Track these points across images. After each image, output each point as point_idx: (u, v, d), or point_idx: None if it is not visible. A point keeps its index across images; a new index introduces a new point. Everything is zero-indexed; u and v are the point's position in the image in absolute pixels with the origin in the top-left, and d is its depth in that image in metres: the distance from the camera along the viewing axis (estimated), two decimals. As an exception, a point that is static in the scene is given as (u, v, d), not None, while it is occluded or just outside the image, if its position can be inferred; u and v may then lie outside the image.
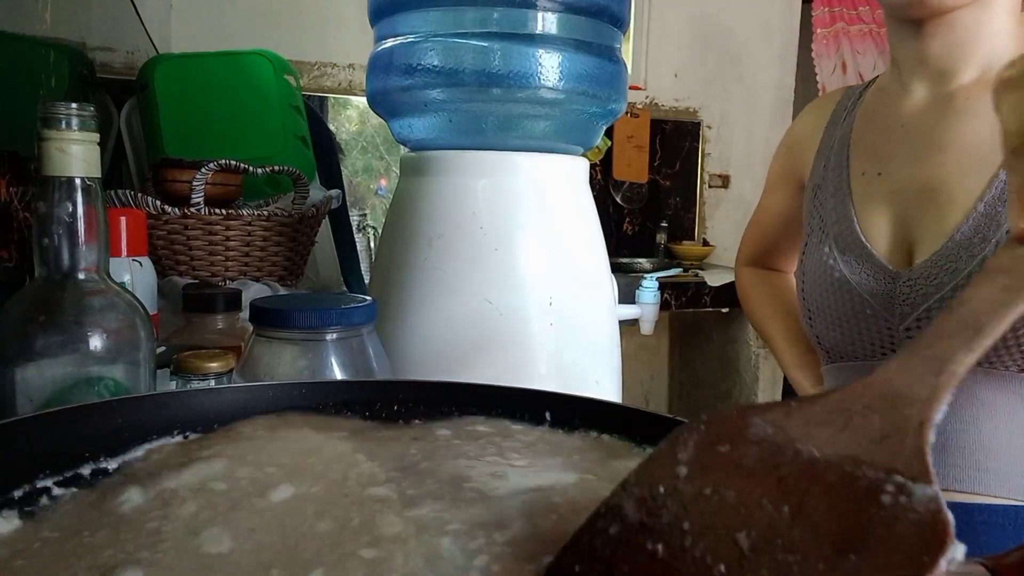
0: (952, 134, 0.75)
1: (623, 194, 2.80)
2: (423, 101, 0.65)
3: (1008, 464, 0.69)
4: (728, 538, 0.23)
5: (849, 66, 2.78)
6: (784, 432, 0.24)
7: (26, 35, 0.79)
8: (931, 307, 0.71)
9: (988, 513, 0.70)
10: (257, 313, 0.48)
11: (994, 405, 0.69)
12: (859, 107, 0.87)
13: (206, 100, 1.15)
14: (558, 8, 0.62)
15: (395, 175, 2.45)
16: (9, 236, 0.67)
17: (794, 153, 0.94)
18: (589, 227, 0.68)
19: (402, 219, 0.67)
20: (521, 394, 0.40)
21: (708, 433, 0.25)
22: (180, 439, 0.36)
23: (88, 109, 0.46)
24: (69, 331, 0.46)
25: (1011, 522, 0.69)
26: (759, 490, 0.24)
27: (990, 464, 0.70)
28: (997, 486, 0.70)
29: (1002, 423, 0.69)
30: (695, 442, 0.25)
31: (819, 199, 0.85)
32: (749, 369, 2.39)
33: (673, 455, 0.25)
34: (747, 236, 1.06)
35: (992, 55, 0.73)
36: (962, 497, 0.71)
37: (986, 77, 0.73)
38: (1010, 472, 0.69)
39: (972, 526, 0.70)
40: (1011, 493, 0.69)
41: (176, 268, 0.95)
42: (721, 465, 0.24)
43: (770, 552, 0.23)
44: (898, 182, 0.78)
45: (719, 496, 0.24)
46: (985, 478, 0.70)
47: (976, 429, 0.70)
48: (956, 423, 0.71)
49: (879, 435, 0.24)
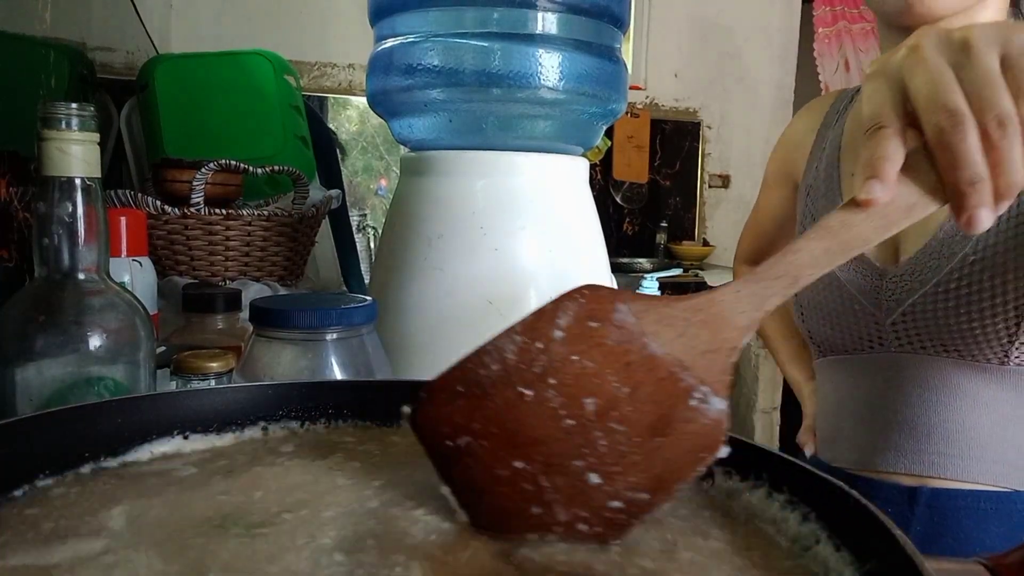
0: None
1: (623, 194, 2.80)
2: (423, 101, 0.65)
3: (990, 452, 0.72)
4: (579, 399, 0.28)
5: (852, 65, 2.77)
6: (640, 324, 0.29)
7: (26, 35, 0.79)
8: (915, 302, 0.73)
9: (971, 499, 0.73)
10: (257, 313, 0.48)
11: (977, 396, 0.72)
12: (851, 110, 0.88)
13: (206, 100, 1.15)
14: (558, 8, 0.62)
15: (395, 175, 2.45)
16: (9, 236, 0.67)
17: (789, 154, 0.96)
18: (589, 227, 0.68)
19: (402, 219, 0.67)
20: (521, 394, 0.40)
21: (585, 307, 0.29)
22: (180, 439, 0.36)
23: (88, 109, 0.46)
24: (69, 331, 0.46)
25: (993, 507, 0.72)
26: (611, 368, 0.29)
27: (973, 452, 0.72)
28: (979, 473, 0.72)
29: (984, 413, 0.72)
30: (574, 312, 0.29)
31: (811, 199, 0.87)
32: (749, 369, 2.39)
33: (555, 318, 0.29)
34: (744, 235, 1.07)
35: None
36: (947, 483, 0.74)
37: None
38: (992, 459, 0.72)
39: (956, 511, 0.73)
40: (993, 480, 0.72)
41: (176, 268, 0.95)
42: (588, 338, 0.29)
43: (605, 419, 0.28)
44: None
45: (581, 364, 0.29)
46: (969, 465, 0.73)
47: (960, 419, 0.73)
48: (942, 413, 0.73)
49: (704, 349, 0.29)
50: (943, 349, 0.72)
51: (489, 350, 0.29)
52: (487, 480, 0.29)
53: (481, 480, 0.29)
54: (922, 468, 0.74)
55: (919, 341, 0.73)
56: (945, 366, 0.73)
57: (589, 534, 0.28)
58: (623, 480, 0.28)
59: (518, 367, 0.29)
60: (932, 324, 0.72)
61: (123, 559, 0.25)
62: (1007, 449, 0.72)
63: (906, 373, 0.75)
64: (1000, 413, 0.72)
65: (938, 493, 0.74)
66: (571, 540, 0.28)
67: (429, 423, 0.30)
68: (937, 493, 0.74)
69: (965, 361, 0.72)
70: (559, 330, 0.29)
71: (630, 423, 0.28)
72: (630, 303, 0.30)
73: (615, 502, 0.28)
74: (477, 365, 0.29)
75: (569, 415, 0.28)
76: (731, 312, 0.30)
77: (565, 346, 0.29)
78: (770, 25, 2.91)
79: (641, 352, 0.29)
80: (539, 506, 0.28)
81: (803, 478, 0.29)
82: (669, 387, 0.29)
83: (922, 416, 0.74)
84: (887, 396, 0.77)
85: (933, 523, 0.73)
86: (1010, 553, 0.30)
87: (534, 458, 0.28)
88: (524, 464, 0.28)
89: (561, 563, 0.26)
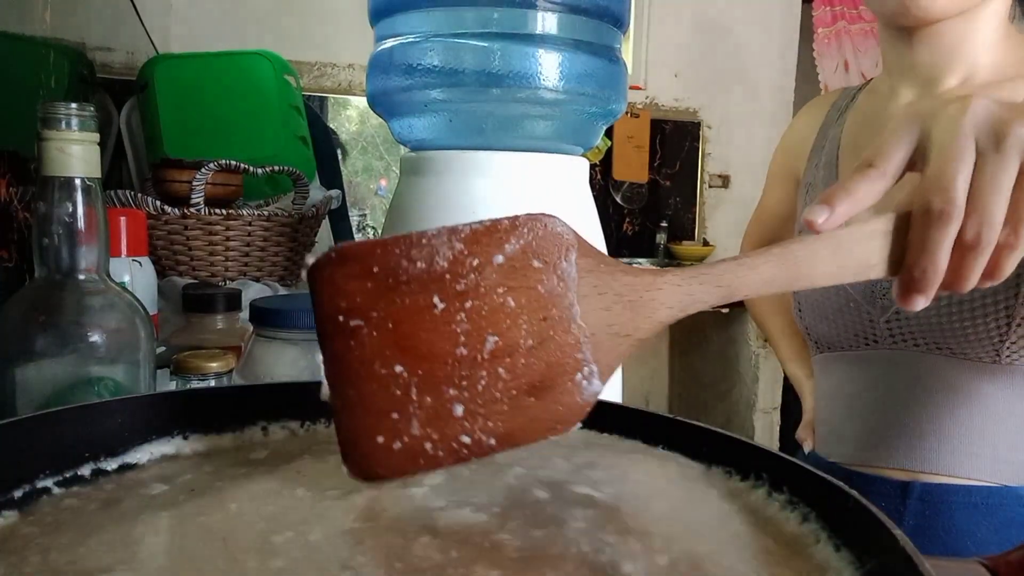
0: None
1: (623, 194, 2.80)
2: (423, 101, 0.65)
3: (982, 447, 0.73)
4: (483, 334, 0.28)
5: (851, 65, 2.77)
6: (579, 282, 0.29)
7: (26, 35, 0.79)
8: None
9: (963, 493, 0.74)
10: (257, 313, 0.48)
11: (969, 392, 0.73)
12: (851, 109, 0.89)
13: (206, 100, 1.15)
14: (558, 8, 0.62)
15: (395, 175, 2.45)
16: (9, 236, 0.67)
17: (791, 152, 0.96)
18: (589, 227, 0.68)
19: (402, 219, 0.67)
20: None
21: (539, 242, 0.28)
22: (180, 439, 0.36)
23: (88, 109, 0.46)
24: (69, 331, 0.46)
25: (983, 501, 0.73)
26: (528, 315, 0.28)
27: (965, 448, 0.73)
28: (971, 468, 0.73)
29: (977, 410, 0.73)
30: (524, 243, 0.28)
31: (810, 198, 0.88)
32: (749, 369, 2.39)
33: (504, 241, 0.28)
34: (748, 233, 1.08)
35: (975, 65, 0.75)
36: (940, 478, 0.74)
37: (968, 85, 0.76)
38: (984, 455, 0.73)
39: (949, 506, 0.74)
40: (985, 475, 0.73)
41: (176, 268, 0.95)
42: (525, 276, 0.28)
43: (497, 362, 0.28)
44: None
45: (503, 300, 0.28)
46: (961, 461, 0.74)
47: (952, 415, 0.73)
48: (934, 409, 0.74)
49: (617, 330, 0.29)
50: (936, 347, 0.73)
51: (423, 244, 0.27)
52: (361, 369, 0.28)
53: (355, 366, 0.28)
54: (915, 463, 0.75)
55: (912, 339, 0.74)
56: (938, 363, 0.73)
57: (430, 454, 0.28)
58: (482, 422, 0.28)
59: (443, 276, 0.27)
60: (925, 323, 0.72)
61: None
62: (998, 444, 0.73)
63: (900, 370, 0.76)
64: (992, 409, 0.73)
65: (930, 488, 0.74)
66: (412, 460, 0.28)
67: (327, 289, 0.28)
68: (929, 488, 0.74)
69: (958, 358, 0.72)
70: (502, 255, 0.28)
71: (516, 374, 0.28)
72: (581, 257, 0.29)
73: (465, 436, 0.28)
74: (403, 254, 0.27)
75: (466, 344, 0.28)
76: (660, 304, 0.30)
77: (498, 275, 0.28)
78: (770, 25, 2.91)
79: (563, 312, 0.28)
80: (399, 414, 0.28)
81: (803, 478, 0.29)
82: (568, 355, 0.28)
83: (915, 412, 0.75)
84: (881, 392, 0.78)
85: (925, 517, 0.74)
86: (1010, 553, 0.30)
87: (415, 370, 0.28)
88: (403, 371, 0.28)
89: (555, 556, 0.26)
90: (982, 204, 0.36)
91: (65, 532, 0.27)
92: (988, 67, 0.75)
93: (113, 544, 0.26)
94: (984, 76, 0.75)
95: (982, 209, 0.36)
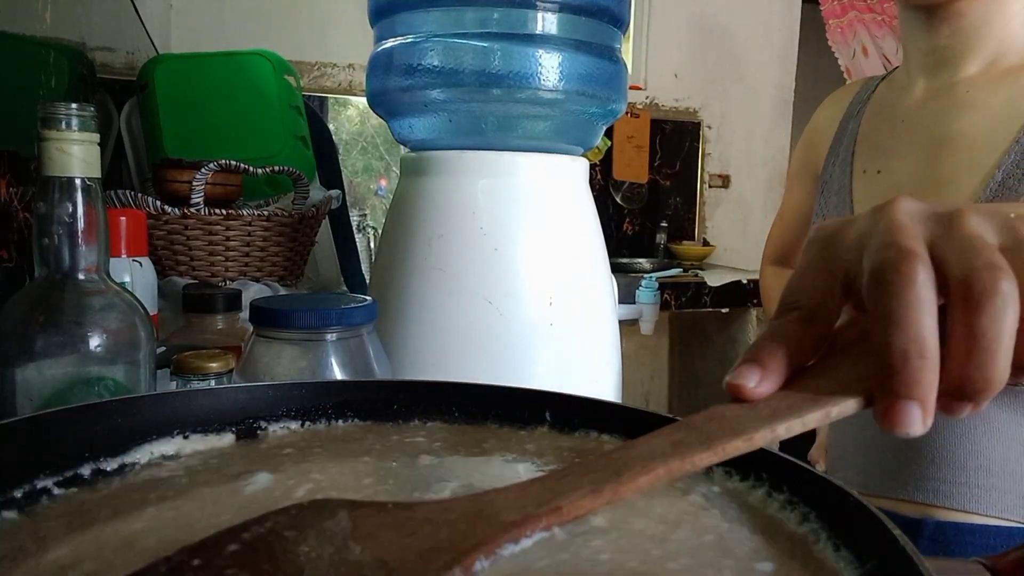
0: (950, 129, 0.74)
1: (623, 194, 2.80)
2: (423, 101, 0.65)
3: (1003, 481, 0.67)
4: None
5: (870, 49, 2.69)
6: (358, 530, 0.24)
7: (26, 35, 0.79)
8: None
9: (980, 534, 0.67)
10: (257, 313, 0.48)
11: (987, 419, 0.67)
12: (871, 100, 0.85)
13: (206, 100, 1.15)
14: (558, 8, 0.62)
15: (395, 175, 2.45)
16: (9, 236, 0.67)
17: (811, 146, 0.93)
18: (589, 227, 0.68)
19: (402, 219, 0.67)
20: (521, 394, 0.40)
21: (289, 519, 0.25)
22: (180, 439, 0.36)
23: (88, 109, 0.46)
24: (69, 331, 0.46)
25: (1003, 544, 0.66)
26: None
27: (984, 481, 0.67)
28: (990, 504, 0.67)
29: (996, 438, 0.67)
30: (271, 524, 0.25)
31: (824, 196, 0.85)
32: (749, 369, 2.39)
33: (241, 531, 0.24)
34: (771, 235, 1.04)
35: (1002, 45, 0.71)
36: (954, 515, 0.68)
37: (993, 69, 0.72)
38: (1003, 489, 0.67)
39: (963, 547, 0.68)
40: (1005, 512, 0.67)
41: (176, 268, 0.95)
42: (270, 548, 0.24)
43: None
44: (895, 180, 0.77)
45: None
46: (979, 495, 0.67)
47: (970, 443, 0.67)
48: (949, 436, 0.68)
49: (431, 547, 0.24)
50: None
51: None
52: None
53: None
54: (928, 495, 0.69)
55: None
56: None
57: None
58: None
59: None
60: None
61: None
62: (1020, 479, 0.66)
63: None
64: (1013, 438, 0.67)
65: (944, 526, 0.68)
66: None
67: None
68: (943, 526, 0.68)
69: None
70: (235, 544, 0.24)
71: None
72: (354, 511, 0.25)
73: None
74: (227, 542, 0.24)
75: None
76: (502, 509, 0.25)
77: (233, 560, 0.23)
78: (770, 25, 2.91)
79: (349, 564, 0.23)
80: None
81: (803, 478, 0.29)
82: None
83: (929, 438, 0.69)
84: None
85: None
86: (1009, 553, 0.30)
87: None
88: None
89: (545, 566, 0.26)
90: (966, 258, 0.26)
91: (65, 532, 0.27)
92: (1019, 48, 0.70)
93: (113, 544, 0.26)
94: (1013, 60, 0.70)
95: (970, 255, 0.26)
